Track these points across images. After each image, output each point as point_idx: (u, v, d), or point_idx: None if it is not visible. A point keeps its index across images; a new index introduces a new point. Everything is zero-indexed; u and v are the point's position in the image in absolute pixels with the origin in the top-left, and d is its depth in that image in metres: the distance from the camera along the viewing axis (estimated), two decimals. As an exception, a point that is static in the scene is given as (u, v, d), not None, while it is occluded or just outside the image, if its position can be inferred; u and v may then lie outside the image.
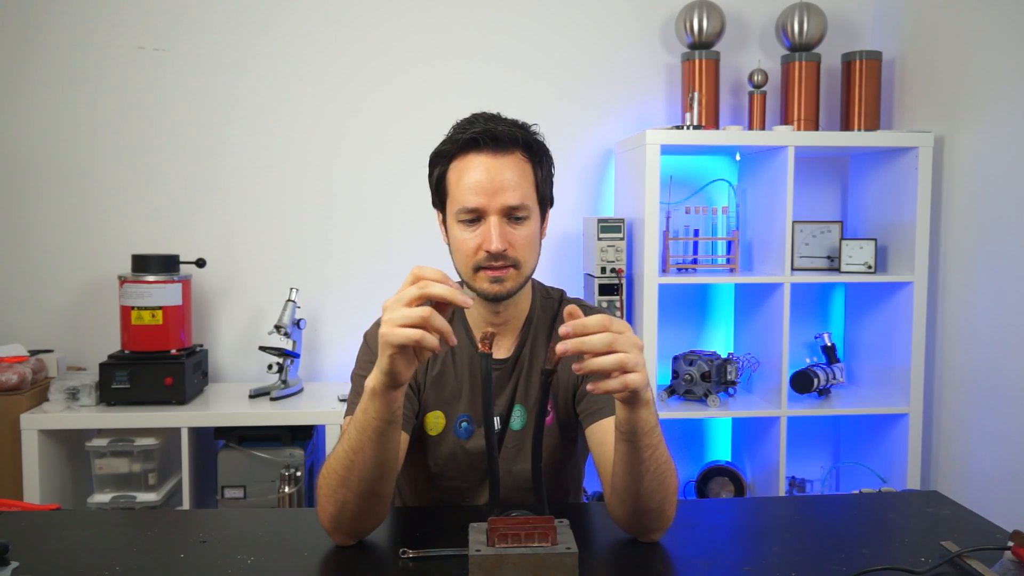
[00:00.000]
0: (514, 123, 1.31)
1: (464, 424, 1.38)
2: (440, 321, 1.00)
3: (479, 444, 1.37)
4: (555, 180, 1.39)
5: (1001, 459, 2.30)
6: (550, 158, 1.36)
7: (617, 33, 2.84)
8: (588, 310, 1.44)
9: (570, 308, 1.02)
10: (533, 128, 1.34)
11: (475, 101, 2.76)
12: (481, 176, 1.26)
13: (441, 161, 1.32)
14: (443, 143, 1.32)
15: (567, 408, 1.40)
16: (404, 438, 1.31)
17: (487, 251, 1.25)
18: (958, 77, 2.49)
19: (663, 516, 1.17)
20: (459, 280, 1.37)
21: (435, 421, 1.39)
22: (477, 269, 1.28)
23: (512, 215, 1.27)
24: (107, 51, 2.69)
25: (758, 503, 1.59)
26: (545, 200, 1.35)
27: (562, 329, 0.98)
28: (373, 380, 1.05)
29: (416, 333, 0.99)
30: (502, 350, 1.39)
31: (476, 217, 1.27)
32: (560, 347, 0.98)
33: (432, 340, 0.99)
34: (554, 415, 1.39)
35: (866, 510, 1.35)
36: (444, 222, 1.35)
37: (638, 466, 1.11)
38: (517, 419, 1.38)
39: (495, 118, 1.31)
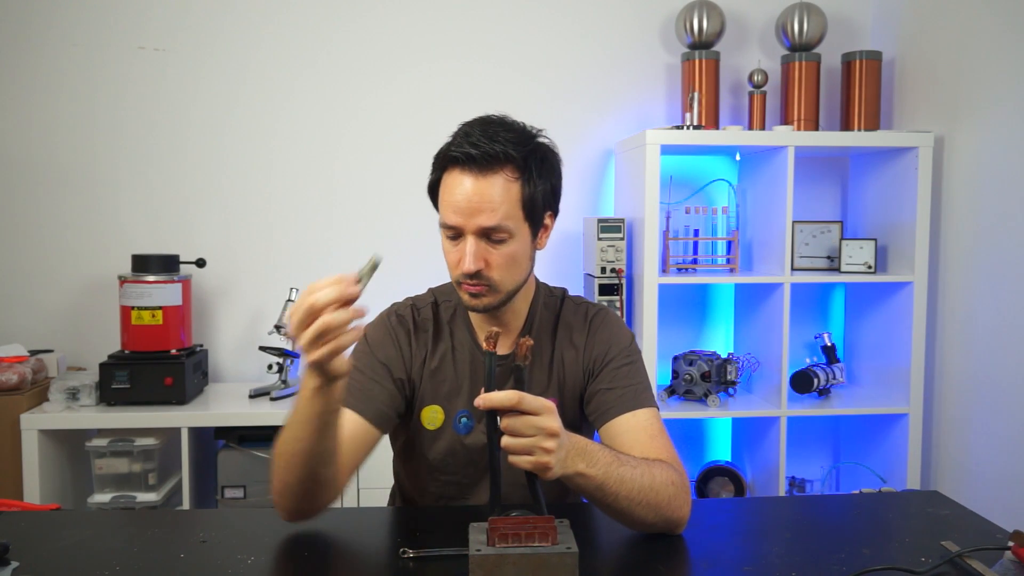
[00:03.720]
0: (509, 136, 1.27)
1: (464, 420, 1.38)
2: (335, 319, 0.98)
3: (479, 440, 1.37)
4: None
5: (1001, 459, 2.30)
6: (552, 166, 1.32)
7: (617, 33, 2.84)
8: (588, 307, 1.45)
9: (524, 341, 1.08)
10: (539, 136, 1.30)
11: (475, 101, 2.78)
12: (459, 197, 1.25)
13: (436, 168, 1.32)
14: (441, 148, 1.31)
15: (574, 410, 1.41)
16: (366, 430, 1.30)
17: (462, 271, 1.27)
18: (958, 77, 2.49)
19: (668, 522, 1.19)
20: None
21: (433, 415, 1.39)
22: (459, 281, 1.31)
23: (490, 236, 1.26)
24: (107, 51, 2.69)
25: (758, 503, 1.59)
26: (537, 213, 1.31)
27: (476, 401, 1.05)
28: (313, 381, 1.05)
29: (327, 347, 0.99)
30: (502, 347, 1.38)
31: (456, 234, 1.28)
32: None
33: (348, 337, 1.00)
34: (559, 414, 1.39)
35: (866, 510, 1.35)
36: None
37: (611, 508, 1.17)
38: None
39: (492, 129, 1.27)
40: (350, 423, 1.30)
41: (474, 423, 1.38)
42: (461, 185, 1.26)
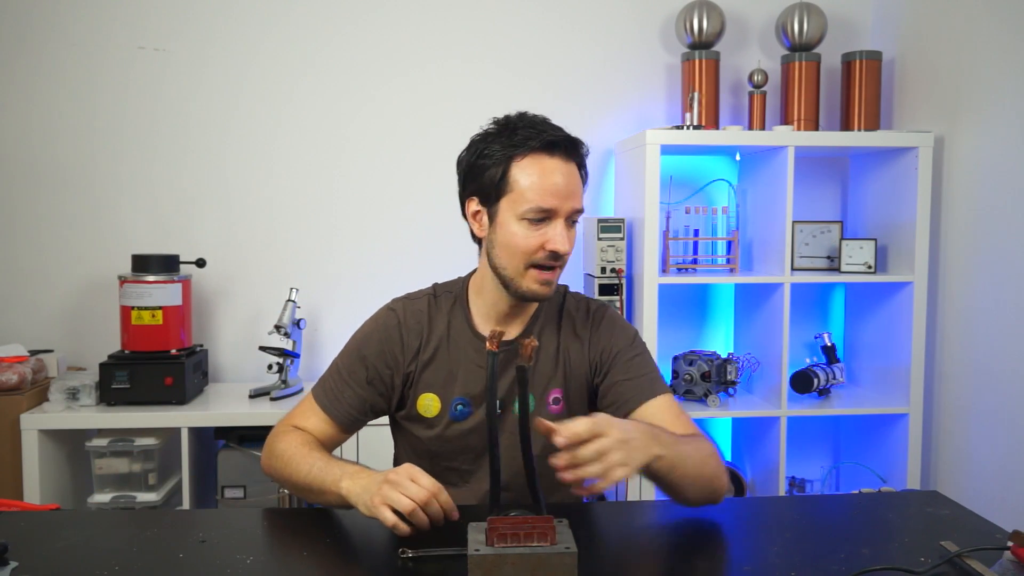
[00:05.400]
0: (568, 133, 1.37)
1: (460, 407, 1.40)
2: (438, 505, 1.14)
3: (473, 425, 1.40)
4: None
5: (1001, 459, 2.30)
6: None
7: (617, 33, 2.84)
8: (589, 302, 1.48)
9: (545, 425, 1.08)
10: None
11: (476, 101, 2.78)
12: (559, 180, 1.31)
13: (502, 159, 1.32)
14: (496, 141, 1.33)
15: (579, 401, 1.43)
16: (332, 429, 1.42)
17: (552, 251, 1.31)
18: (958, 77, 2.49)
19: (714, 494, 1.26)
20: (494, 272, 1.38)
21: (428, 403, 1.41)
22: (529, 267, 1.32)
23: (571, 219, 1.34)
24: (107, 51, 2.69)
25: (758, 503, 1.59)
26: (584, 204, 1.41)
27: (557, 440, 1.06)
28: (350, 494, 1.20)
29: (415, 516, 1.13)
30: (507, 334, 1.40)
31: (544, 217, 1.31)
32: (555, 464, 1.06)
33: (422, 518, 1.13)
34: (564, 404, 1.42)
35: (866, 510, 1.35)
36: (488, 214, 1.35)
37: (672, 484, 1.21)
38: None
39: (551, 123, 1.36)
40: (319, 420, 1.42)
41: (471, 410, 1.40)
42: (558, 170, 1.32)
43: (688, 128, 2.53)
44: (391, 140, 2.78)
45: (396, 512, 1.12)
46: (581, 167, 1.37)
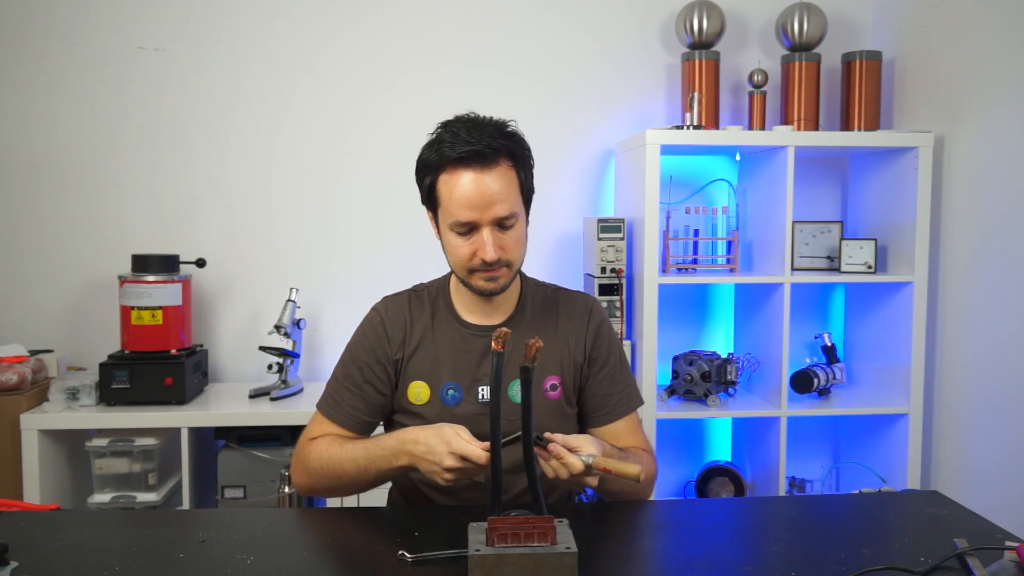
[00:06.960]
0: (496, 129, 1.34)
1: (451, 392, 1.43)
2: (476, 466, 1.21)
3: (467, 410, 1.42)
4: (554, 180, 1.43)
5: (1001, 459, 2.30)
6: (529, 151, 1.40)
7: (617, 33, 2.84)
8: (582, 295, 1.53)
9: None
10: (511, 126, 1.37)
11: (476, 102, 2.75)
12: (471, 192, 1.31)
13: (430, 170, 1.37)
14: (429, 151, 1.37)
15: (572, 385, 1.46)
16: (337, 432, 1.45)
17: (482, 260, 1.33)
18: (958, 77, 2.49)
19: (645, 492, 1.37)
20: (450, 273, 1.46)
21: (418, 391, 1.43)
22: (472, 271, 1.36)
23: (502, 224, 1.33)
24: (107, 51, 2.69)
25: (758, 503, 1.59)
26: (529, 195, 1.40)
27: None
28: (403, 459, 1.29)
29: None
30: (492, 320, 1.46)
31: (469, 229, 1.33)
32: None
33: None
34: (562, 391, 1.45)
35: (866, 510, 1.35)
36: (435, 221, 1.42)
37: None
38: (516, 392, 1.41)
39: (478, 125, 1.34)
40: (327, 429, 1.45)
41: (462, 395, 1.42)
42: (470, 182, 1.31)
43: (688, 128, 2.53)
44: (391, 140, 2.78)
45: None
46: (517, 162, 1.35)
